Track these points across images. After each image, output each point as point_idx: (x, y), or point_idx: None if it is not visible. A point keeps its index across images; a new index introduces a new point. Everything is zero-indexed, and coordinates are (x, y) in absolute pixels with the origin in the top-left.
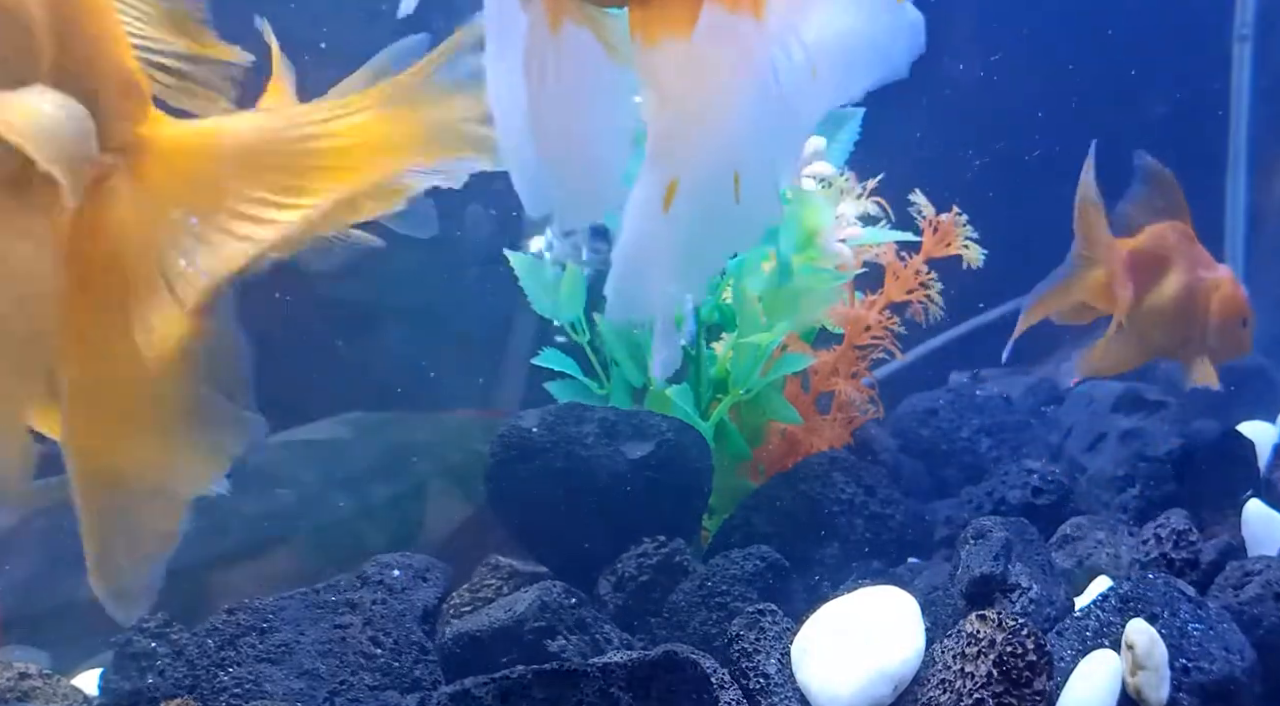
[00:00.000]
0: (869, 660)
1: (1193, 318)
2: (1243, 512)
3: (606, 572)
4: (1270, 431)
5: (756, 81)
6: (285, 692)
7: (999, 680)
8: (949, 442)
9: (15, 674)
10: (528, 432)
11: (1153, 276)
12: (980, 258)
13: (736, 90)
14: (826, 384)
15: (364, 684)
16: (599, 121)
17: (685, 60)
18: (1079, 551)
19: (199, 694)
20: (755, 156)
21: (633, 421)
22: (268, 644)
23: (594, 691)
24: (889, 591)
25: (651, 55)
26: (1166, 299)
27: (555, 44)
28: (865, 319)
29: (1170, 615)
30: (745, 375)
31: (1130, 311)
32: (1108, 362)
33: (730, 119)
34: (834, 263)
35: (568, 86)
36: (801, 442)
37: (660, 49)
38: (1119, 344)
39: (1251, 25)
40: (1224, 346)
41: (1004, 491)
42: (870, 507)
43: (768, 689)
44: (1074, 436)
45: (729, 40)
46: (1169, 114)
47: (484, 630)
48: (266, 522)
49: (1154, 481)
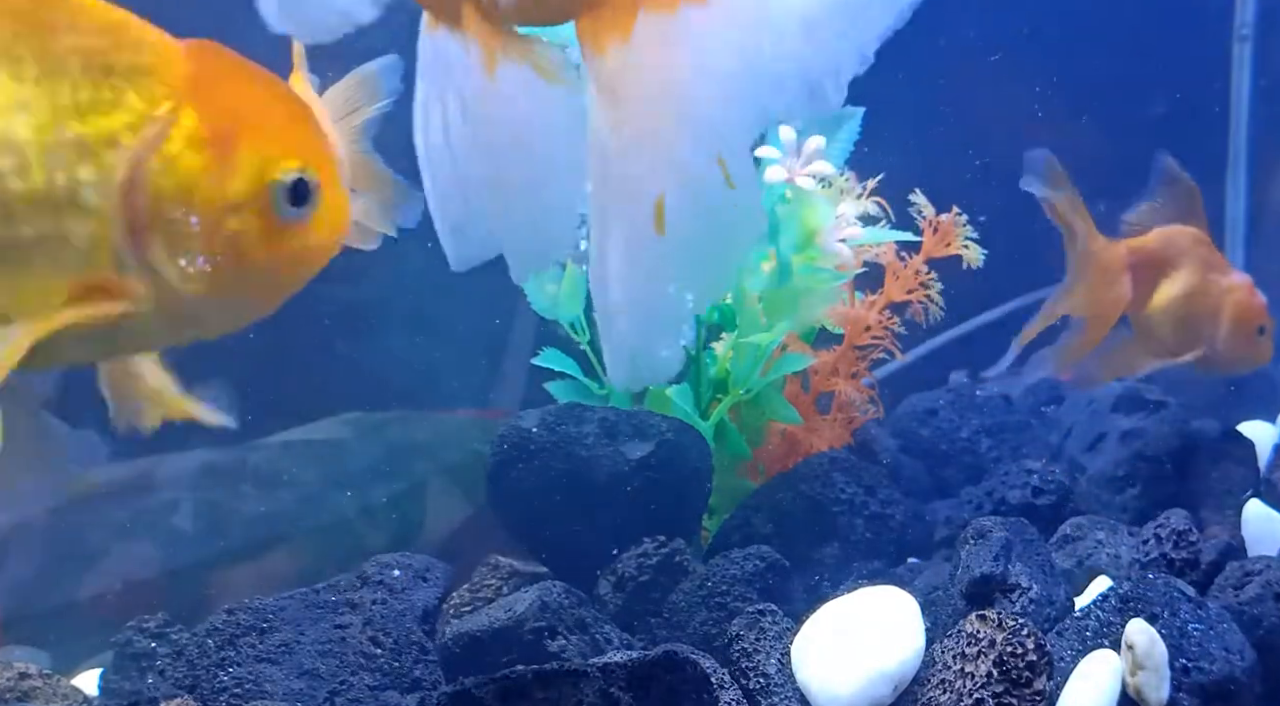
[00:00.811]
0: (869, 660)
1: (1200, 322)
2: (1243, 512)
3: (606, 572)
4: (1270, 431)
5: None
6: (285, 692)
7: (999, 680)
8: (949, 442)
9: (15, 674)
10: (528, 432)
11: (1156, 278)
12: (980, 258)
13: (699, 81)
14: (826, 384)
15: (364, 684)
16: (548, 164)
17: (641, 61)
18: (1079, 551)
19: (199, 694)
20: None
21: (633, 421)
22: (268, 644)
23: (594, 691)
24: (889, 591)
25: (605, 62)
26: (1171, 301)
27: (493, 87)
28: (865, 319)
29: (1170, 615)
30: (745, 375)
31: (1130, 312)
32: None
33: (699, 108)
34: (834, 263)
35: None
36: (801, 442)
37: (613, 54)
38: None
39: (1251, 25)
40: (1237, 354)
41: (1004, 491)
42: (870, 507)
43: (768, 689)
44: (1074, 436)
45: (680, 33)
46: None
47: (484, 630)
48: (266, 522)
49: (1154, 481)
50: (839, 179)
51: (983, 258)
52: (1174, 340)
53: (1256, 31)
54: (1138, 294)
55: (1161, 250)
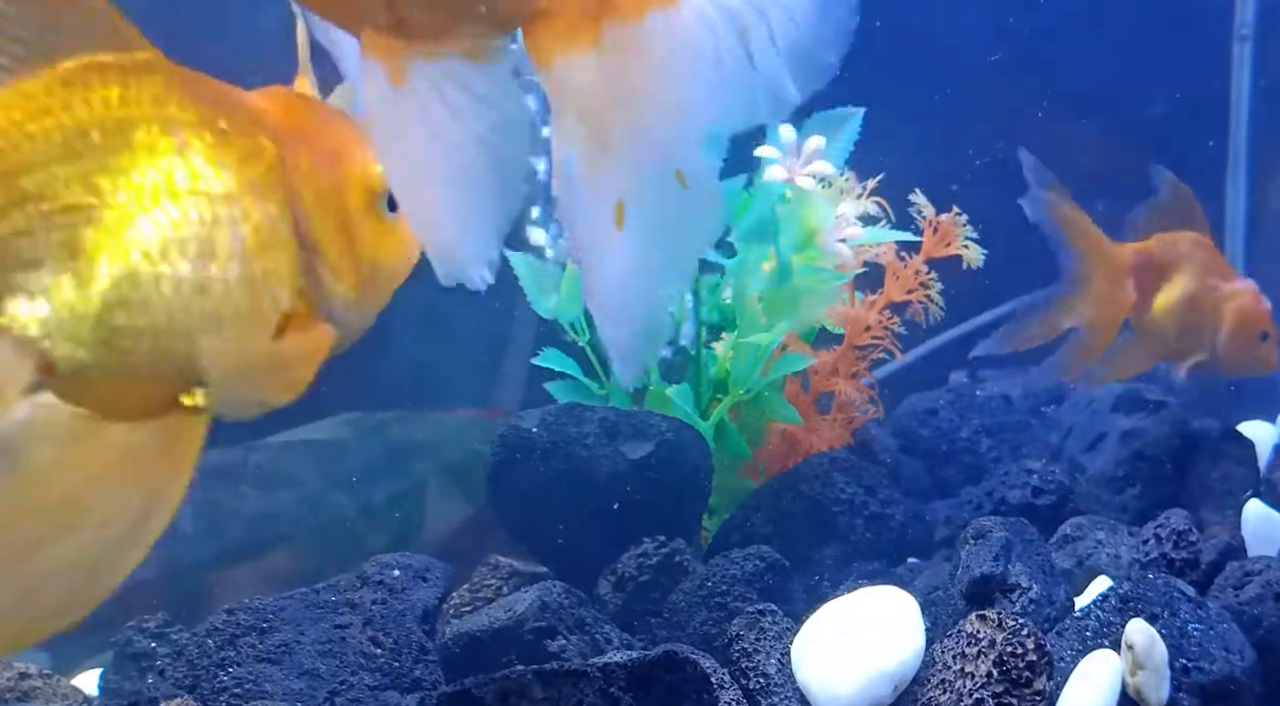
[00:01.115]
0: (869, 660)
1: (1203, 327)
2: (1243, 512)
3: (606, 572)
4: (1270, 431)
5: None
6: (285, 692)
7: (999, 680)
8: (949, 442)
9: (15, 674)
10: (528, 432)
11: (1158, 282)
12: (980, 257)
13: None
14: (826, 384)
15: (364, 684)
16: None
17: (607, 73)
18: (1079, 551)
19: (199, 694)
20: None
21: (633, 421)
22: (268, 644)
23: (594, 691)
24: (889, 591)
25: (562, 74)
26: (1172, 305)
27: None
28: (865, 319)
29: (1170, 615)
30: (745, 375)
31: (1133, 315)
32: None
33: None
34: (834, 263)
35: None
36: (801, 442)
37: (574, 65)
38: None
39: (1251, 25)
40: (1239, 359)
41: (1004, 491)
42: (870, 508)
43: (768, 689)
44: (1074, 436)
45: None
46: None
47: (484, 630)
48: (266, 522)
49: (1154, 481)
50: (839, 179)
51: (982, 257)
52: (1177, 344)
53: (1256, 31)
54: (1141, 298)
55: (1164, 254)
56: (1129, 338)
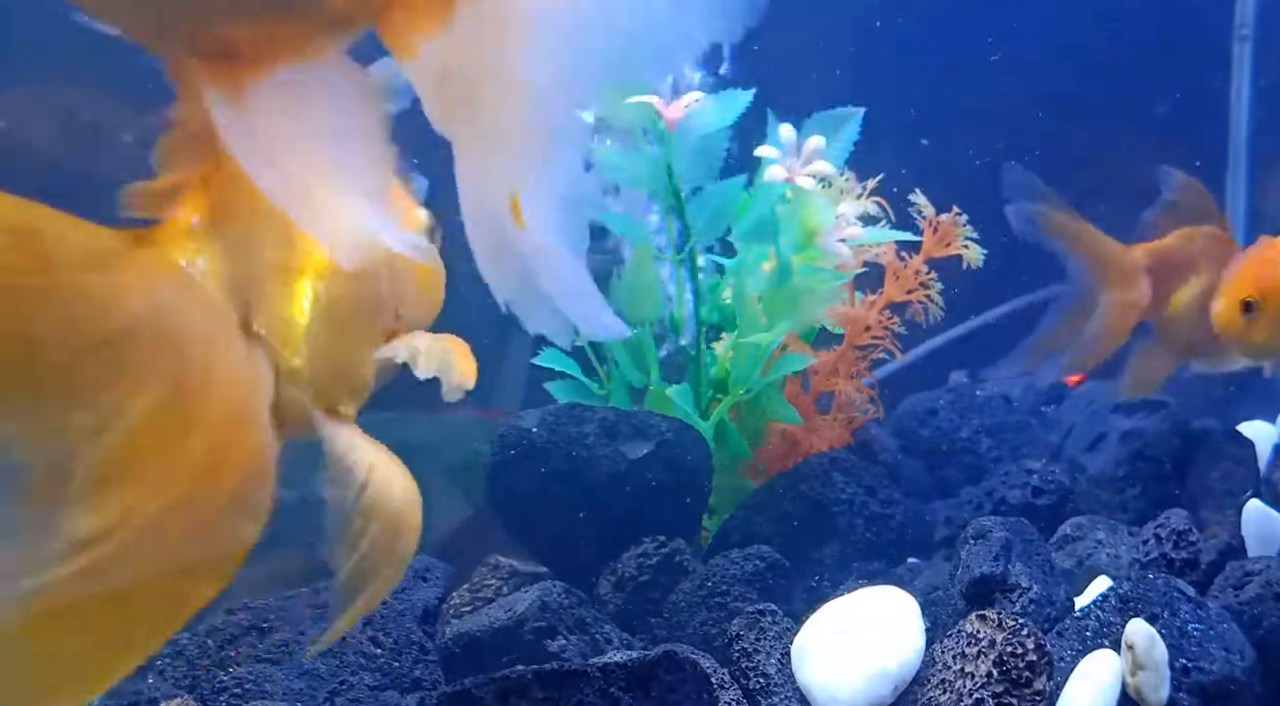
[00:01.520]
0: (869, 660)
1: None
2: (1243, 512)
3: (606, 572)
4: (1270, 431)
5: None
6: (285, 692)
7: (999, 680)
8: (949, 442)
9: None
10: (528, 432)
11: (1176, 280)
12: (980, 257)
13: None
14: (826, 384)
15: (364, 684)
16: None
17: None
18: (1079, 551)
19: (199, 694)
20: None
21: (633, 421)
22: (268, 644)
23: (594, 691)
24: (889, 591)
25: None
26: (1190, 302)
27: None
28: (865, 319)
29: (1170, 615)
30: (745, 375)
31: (1152, 315)
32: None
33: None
34: (834, 263)
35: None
36: (801, 442)
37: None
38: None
39: (1251, 25)
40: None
41: (1004, 491)
42: (870, 507)
43: (768, 689)
44: (1074, 436)
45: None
46: (1169, 114)
47: (484, 630)
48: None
49: (1154, 481)
50: (839, 179)
51: (982, 257)
52: (1192, 341)
53: (1256, 31)
54: (1158, 296)
55: (1180, 251)
56: (1148, 341)
